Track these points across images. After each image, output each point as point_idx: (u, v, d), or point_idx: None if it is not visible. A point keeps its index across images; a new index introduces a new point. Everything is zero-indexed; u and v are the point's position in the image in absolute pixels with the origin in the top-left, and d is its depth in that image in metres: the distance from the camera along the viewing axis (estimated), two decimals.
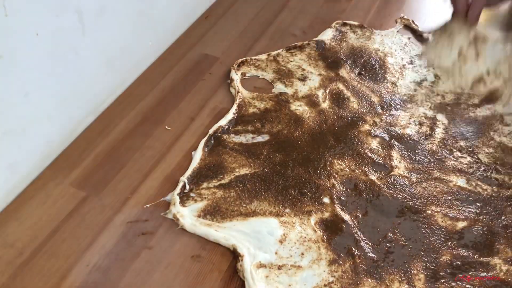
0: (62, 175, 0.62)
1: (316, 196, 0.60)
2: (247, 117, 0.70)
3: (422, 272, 0.53)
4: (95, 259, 0.54)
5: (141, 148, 0.66)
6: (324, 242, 0.56)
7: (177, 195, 0.59)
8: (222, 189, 0.61)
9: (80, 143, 0.67)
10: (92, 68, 0.67)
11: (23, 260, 0.54)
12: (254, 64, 0.79)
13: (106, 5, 0.66)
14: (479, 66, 0.62)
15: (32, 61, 0.57)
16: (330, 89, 0.75)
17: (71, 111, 0.66)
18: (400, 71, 0.78)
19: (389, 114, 0.71)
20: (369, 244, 0.55)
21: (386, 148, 0.66)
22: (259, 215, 0.58)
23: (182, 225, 0.57)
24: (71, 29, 0.62)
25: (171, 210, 0.58)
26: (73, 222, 0.57)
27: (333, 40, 0.83)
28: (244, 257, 0.53)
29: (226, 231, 0.56)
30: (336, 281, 0.52)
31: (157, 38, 0.80)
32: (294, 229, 0.57)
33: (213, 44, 0.83)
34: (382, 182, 0.62)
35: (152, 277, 0.53)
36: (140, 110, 0.72)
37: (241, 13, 0.91)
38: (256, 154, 0.65)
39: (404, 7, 0.92)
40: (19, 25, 0.54)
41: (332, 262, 0.54)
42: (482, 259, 0.54)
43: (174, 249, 0.55)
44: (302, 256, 0.54)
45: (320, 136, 0.68)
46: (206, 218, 0.58)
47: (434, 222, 0.58)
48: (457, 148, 0.66)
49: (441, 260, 0.54)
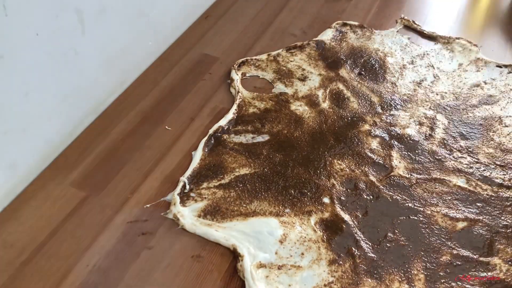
0: (62, 175, 0.62)
1: (316, 196, 0.60)
2: (247, 117, 0.70)
3: (422, 272, 0.53)
4: (95, 259, 0.54)
5: (141, 148, 0.66)
6: (324, 242, 0.56)
7: (177, 195, 0.59)
8: (222, 189, 0.61)
9: (80, 143, 0.67)
10: (92, 68, 0.67)
11: (23, 260, 0.54)
12: (254, 64, 0.79)
13: (106, 5, 0.66)
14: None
15: (32, 61, 0.57)
16: (330, 89, 0.75)
17: (71, 111, 0.66)
18: (400, 71, 0.78)
19: (389, 114, 0.71)
20: (369, 244, 0.55)
21: (386, 148, 0.66)
22: (259, 215, 0.58)
23: (183, 225, 0.57)
24: (71, 29, 0.62)
25: (171, 210, 0.58)
26: (73, 222, 0.57)
27: (333, 40, 0.83)
28: (244, 257, 0.53)
29: (226, 231, 0.56)
30: (336, 281, 0.52)
31: (157, 38, 0.80)
32: (294, 229, 0.57)
33: (213, 44, 0.83)
34: (382, 182, 0.62)
35: (152, 277, 0.53)
36: (140, 110, 0.72)
37: (241, 13, 0.91)
38: (256, 154, 0.65)
39: (404, 7, 0.92)
40: (19, 25, 0.54)
41: (332, 262, 0.54)
42: (482, 259, 0.54)
43: (174, 249, 0.55)
44: (302, 256, 0.54)
45: (320, 136, 0.68)
46: (206, 218, 0.58)
47: (434, 222, 0.58)
48: (457, 148, 0.66)
49: (441, 260, 0.54)
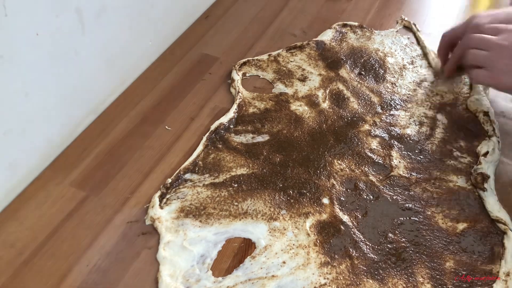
0: (62, 175, 0.62)
1: (316, 196, 0.60)
2: (247, 117, 0.70)
3: (426, 276, 0.53)
4: (95, 259, 0.54)
5: (141, 148, 0.66)
6: (316, 246, 0.55)
7: (158, 197, 0.59)
8: (212, 188, 0.60)
9: (80, 143, 0.67)
10: (92, 68, 0.68)
11: (23, 260, 0.54)
12: (255, 64, 0.79)
13: (106, 5, 0.66)
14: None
15: (32, 61, 0.57)
16: (330, 89, 0.75)
17: (71, 111, 0.66)
18: (400, 71, 0.78)
19: (389, 114, 0.71)
20: (369, 245, 0.55)
21: (386, 148, 0.66)
22: (250, 217, 0.57)
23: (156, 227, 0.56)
24: (71, 29, 0.62)
25: (148, 213, 0.57)
26: (73, 222, 0.57)
27: (333, 40, 0.83)
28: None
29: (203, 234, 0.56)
30: (331, 282, 0.51)
31: (157, 38, 0.80)
32: (282, 237, 0.55)
33: (213, 44, 0.83)
34: (382, 182, 0.62)
35: (152, 277, 0.53)
36: (140, 110, 0.72)
37: (241, 13, 0.91)
38: (256, 154, 0.65)
39: (404, 7, 0.92)
40: (19, 25, 0.54)
41: (323, 264, 0.53)
42: (484, 259, 0.54)
43: None
44: (282, 265, 0.53)
45: (320, 136, 0.68)
46: (188, 217, 0.57)
47: (434, 223, 0.57)
48: (457, 148, 0.66)
49: (445, 267, 0.53)
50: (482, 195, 0.60)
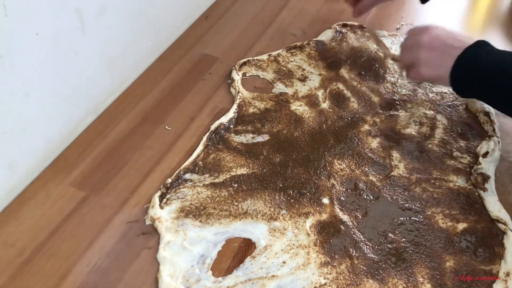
0: (62, 175, 0.62)
1: (316, 196, 0.60)
2: (247, 117, 0.70)
3: (426, 276, 0.53)
4: (95, 259, 0.54)
5: (141, 148, 0.66)
6: (316, 246, 0.55)
7: (158, 197, 0.59)
8: (212, 188, 0.60)
9: (80, 143, 0.67)
10: (92, 68, 0.67)
11: (23, 260, 0.54)
12: (255, 64, 0.79)
13: (106, 5, 0.66)
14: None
15: (32, 61, 0.57)
16: (330, 89, 0.75)
17: (71, 111, 0.66)
18: (400, 71, 0.78)
19: (389, 114, 0.71)
20: (369, 245, 0.55)
21: (386, 148, 0.66)
22: (250, 217, 0.57)
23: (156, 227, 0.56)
24: (71, 29, 0.62)
25: (148, 213, 0.57)
26: (73, 222, 0.57)
27: (333, 40, 0.83)
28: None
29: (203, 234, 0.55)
30: (331, 282, 0.52)
31: (157, 38, 0.80)
32: (282, 237, 0.55)
33: (213, 44, 0.83)
34: (382, 182, 0.62)
35: (152, 277, 0.53)
36: (140, 110, 0.72)
37: (241, 13, 0.91)
38: (256, 154, 0.65)
39: (404, 7, 0.92)
40: (19, 25, 0.54)
41: (323, 264, 0.53)
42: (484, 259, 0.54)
43: None
44: (282, 265, 0.53)
45: (320, 136, 0.68)
46: (188, 217, 0.57)
47: (434, 223, 0.57)
48: (457, 148, 0.66)
49: (445, 267, 0.53)
50: (482, 195, 0.60)
